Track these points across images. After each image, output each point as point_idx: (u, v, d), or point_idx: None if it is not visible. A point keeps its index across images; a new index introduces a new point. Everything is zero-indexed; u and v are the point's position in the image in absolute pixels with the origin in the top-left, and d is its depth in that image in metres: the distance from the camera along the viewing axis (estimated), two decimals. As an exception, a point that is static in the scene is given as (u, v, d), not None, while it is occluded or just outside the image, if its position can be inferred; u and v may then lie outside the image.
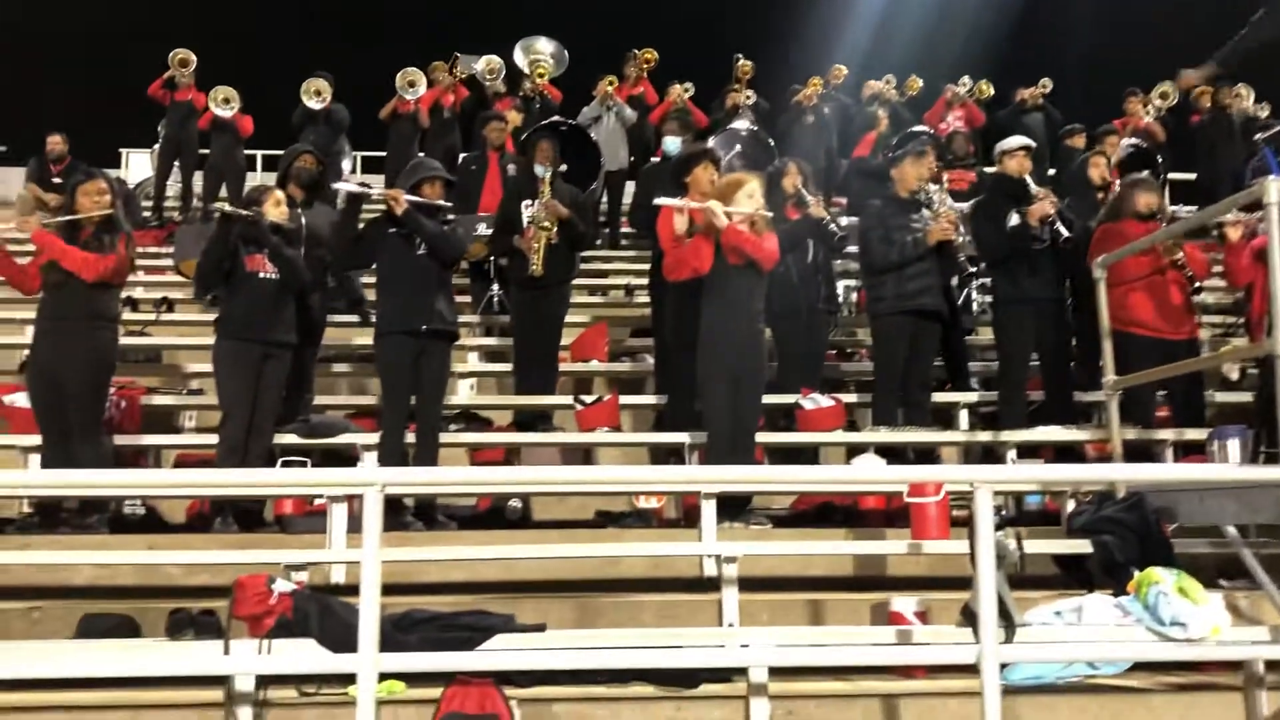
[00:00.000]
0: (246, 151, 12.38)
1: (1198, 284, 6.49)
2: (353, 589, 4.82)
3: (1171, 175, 11.32)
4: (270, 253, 5.96)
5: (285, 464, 6.20)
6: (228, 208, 6.08)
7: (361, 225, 6.37)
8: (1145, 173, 7.50)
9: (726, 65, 12.31)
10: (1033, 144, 7.16)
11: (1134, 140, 10.34)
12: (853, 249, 7.77)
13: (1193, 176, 12.44)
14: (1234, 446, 4.91)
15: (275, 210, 6.09)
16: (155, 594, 5.19)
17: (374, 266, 6.43)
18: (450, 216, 6.37)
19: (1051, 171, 10.98)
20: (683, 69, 12.47)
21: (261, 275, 5.97)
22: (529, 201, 7.27)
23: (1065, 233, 6.63)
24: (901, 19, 17.64)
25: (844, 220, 8.75)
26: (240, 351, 5.89)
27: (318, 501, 5.84)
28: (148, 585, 5.32)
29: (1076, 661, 4.22)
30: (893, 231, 6.67)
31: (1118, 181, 8.09)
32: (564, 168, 7.54)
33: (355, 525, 5.28)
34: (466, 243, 6.52)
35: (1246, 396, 6.91)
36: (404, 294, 6.07)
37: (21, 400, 6.29)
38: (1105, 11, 18.49)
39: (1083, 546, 4.91)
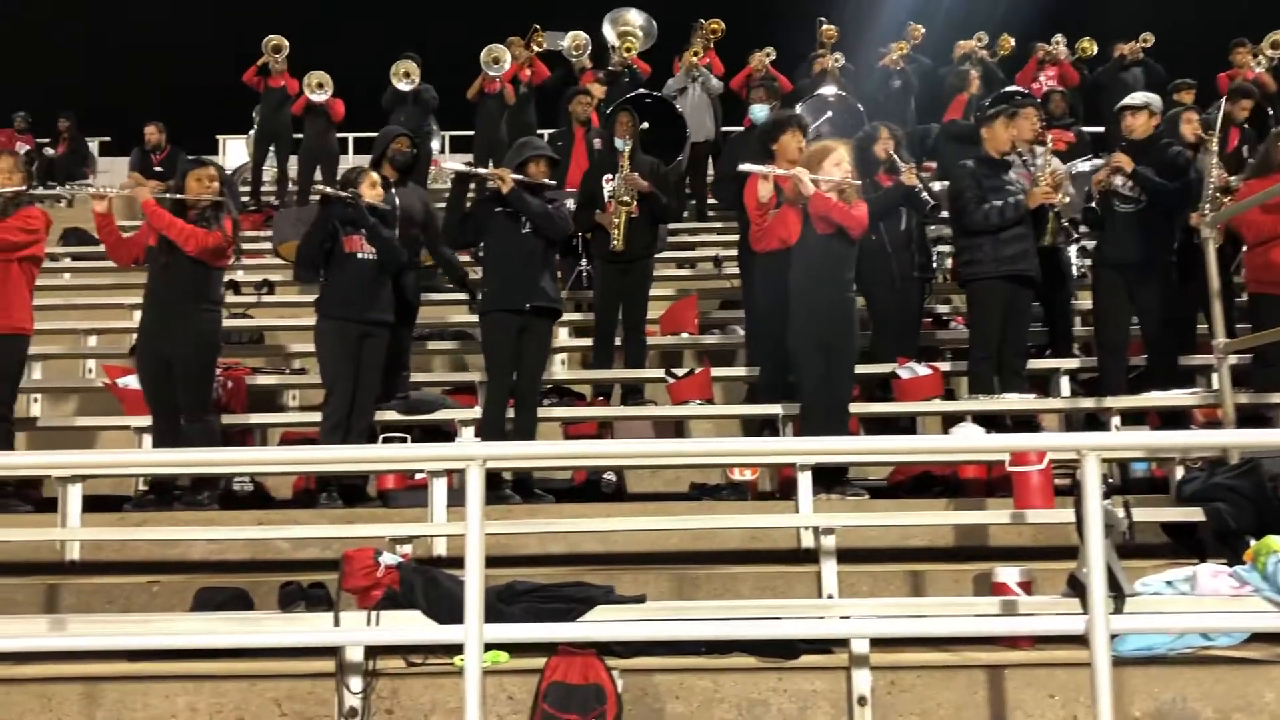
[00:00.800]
0: (339, 135, 12.58)
1: None
2: (454, 561, 4.96)
3: None
4: (368, 233, 6.07)
5: (386, 440, 6.33)
6: (328, 190, 6.20)
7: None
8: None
9: (804, 32, 12.11)
10: (1136, 103, 6.85)
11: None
12: (945, 214, 7.63)
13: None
14: (1358, 410, 4.72)
15: (371, 192, 6.19)
16: (266, 568, 5.36)
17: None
18: (552, 195, 6.40)
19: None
20: (763, 36, 12.31)
21: (360, 256, 6.07)
22: (609, 176, 7.27)
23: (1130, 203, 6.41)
24: None
25: (936, 186, 8.60)
26: (341, 331, 6.00)
27: (418, 476, 5.96)
28: (258, 559, 5.51)
29: (1190, 632, 4.09)
30: (989, 193, 6.51)
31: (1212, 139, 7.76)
32: (645, 126, 7.48)
33: (455, 499, 5.40)
34: (570, 220, 6.55)
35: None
36: (510, 272, 6.14)
37: (133, 382, 6.53)
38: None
39: (1194, 514, 4.78)
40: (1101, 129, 11.81)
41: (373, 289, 6.09)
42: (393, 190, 6.62)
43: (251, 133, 13.35)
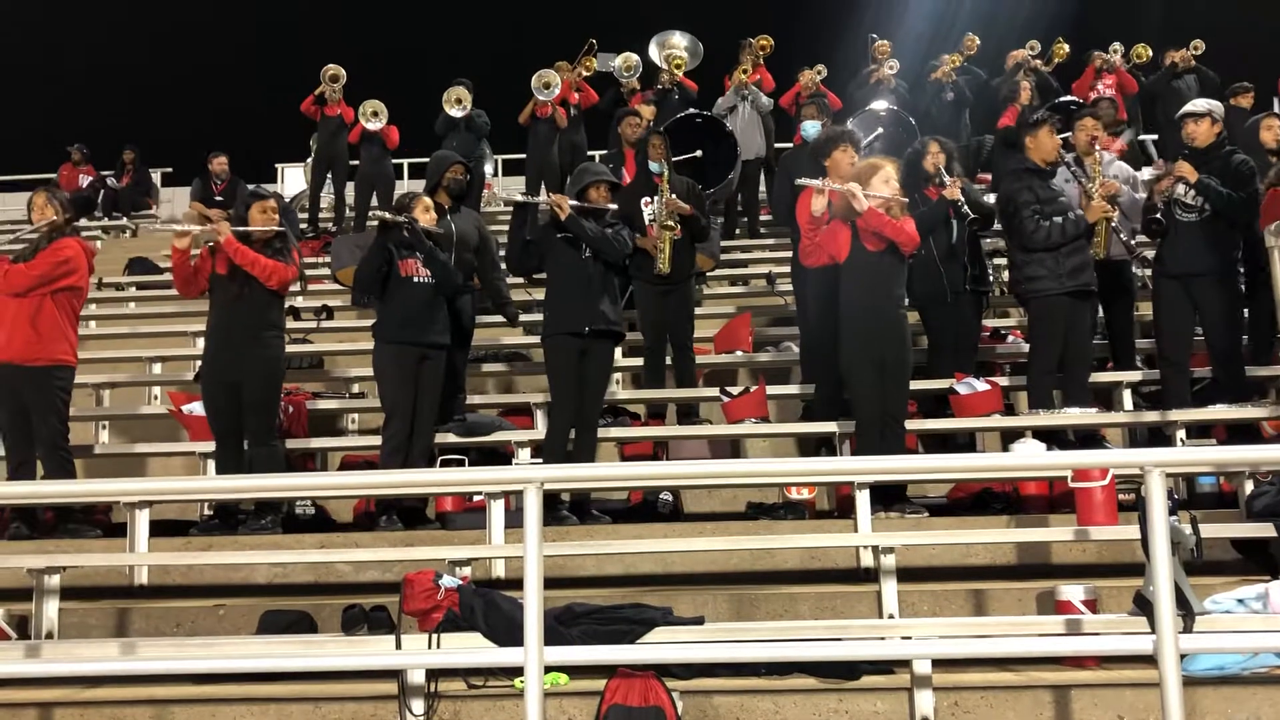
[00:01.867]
0: (394, 161, 12.77)
1: None
2: (513, 583, 4.99)
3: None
4: (424, 257, 6.15)
5: (444, 462, 6.39)
6: (386, 215, 6.29)
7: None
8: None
9: (856, 46, 12.10)
10: (1198, 110, 6.71)
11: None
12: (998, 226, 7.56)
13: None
14: None
15: (425, 216, 6.28)
16: (328, 590, 5.44)
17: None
18: (612, 219, 6.45)
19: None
20: (814, 53, 12.32)
21: (416, 280, 6.16)
22: (648, 199, 7.30)
23: (1193, 212, 6.30)
24: None
25: (990, 198, 8.50)
26: (399, 355, 6.08)
27: (476, 498, 6.01)
28: (321, 582, 5.60)
29: (1264, 651, 4.00)
30: (1046, 205, 6.44)
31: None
32: (699, 154, 7.50)
33: (512, 520, 5.44)
34: (630, 243, 6.60)
35: None
36: (571, 297, 6.20)
37: (197, 409, 6.65)
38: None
39: (1265, 530, 4.66)
40: (1155, 136, 11.67)
41: (429, 312, 6.16)
42: (448, 216, 6.71)
43: (309, 160, 13.58)
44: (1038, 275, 6.43)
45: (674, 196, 7.17)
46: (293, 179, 16.36)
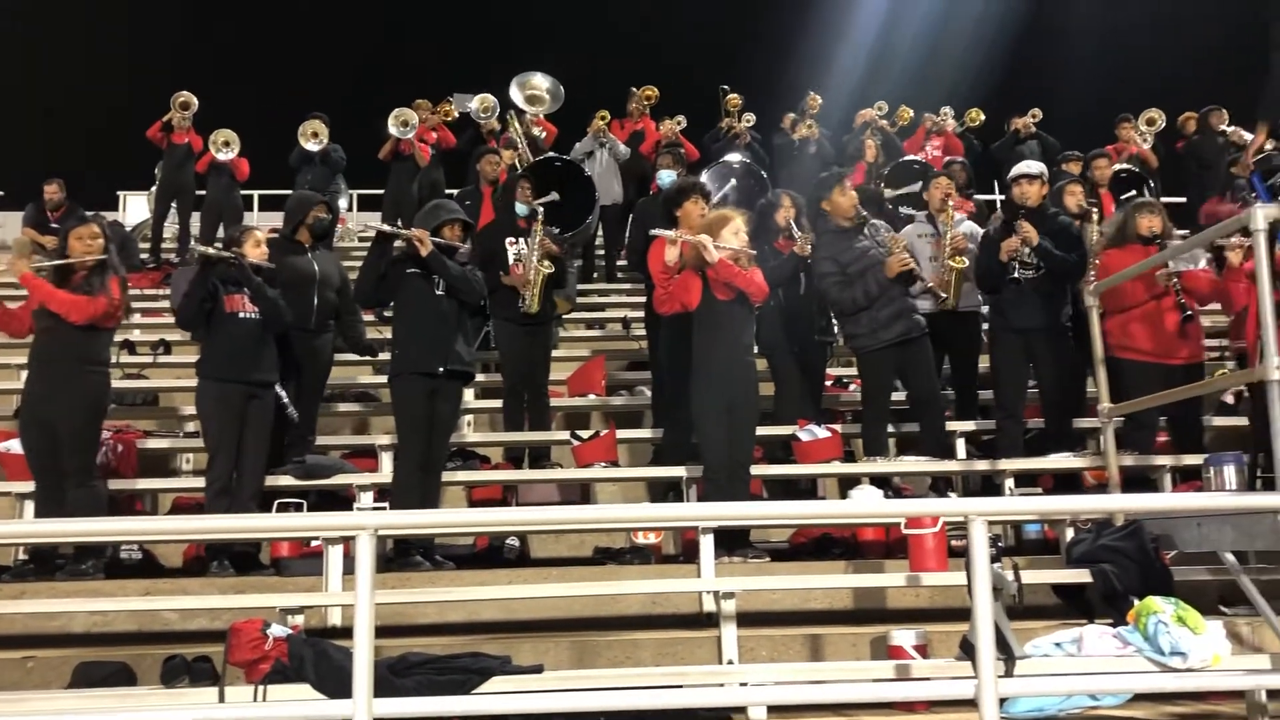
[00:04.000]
0: (243, 192, 12.43)
1: (1189, 312, 6.45)
2: (350, 632, 4.81)
3: (1164, 199, 11.34)
4: (252, 293, 5.99)
5: (281, 506, 6.18)
6: (209, 251, 6.13)
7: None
8: (1145, 196, 7.50)
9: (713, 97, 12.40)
10: (1032, 171, 7.12)
11: (1125, 165, 10.43)
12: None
13: (1184, 200, 12.48)
14: (1230, 473, 4.86)
15: (255, 251, 6.14)
16: (153, 640, 5.19)
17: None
18: (465, 259, 6.39)
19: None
20: (678, 103, 12.57)
21: (242, 315, 6.00)
22: (512, 239, 7.29)
23: (1030, 270, 6.64)
24: (896, 51, 17.90)
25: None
26: (224, 393, 5.90)
27: (314, 543, 5.84)
28: (145, 631, 5.33)
29: (1077, 694, 4.17)
30: (847, 268, 6.68)
31: (1111, 206, 8.12)
32: (555, 197, 7.57)
33: (354, 566, 5.27)
34: (485, 285, 6.57)
35: (1244, 421, 6.89)
36: (424, 335, 6.08)
37: (15, 447, 6.29)
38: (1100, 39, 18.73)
39: (1082, 576, 4.87)
40: (1002, 197, 12.27)
41: (256, 349, 6.00)
42: (309, 254, 6.64)
43: (153, 189, 13.10)
44: (856, 333, 6.72)
45: (547, 239, 7.23)
46: (135, 207, 15.73)
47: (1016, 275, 6.72)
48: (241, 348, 5.96)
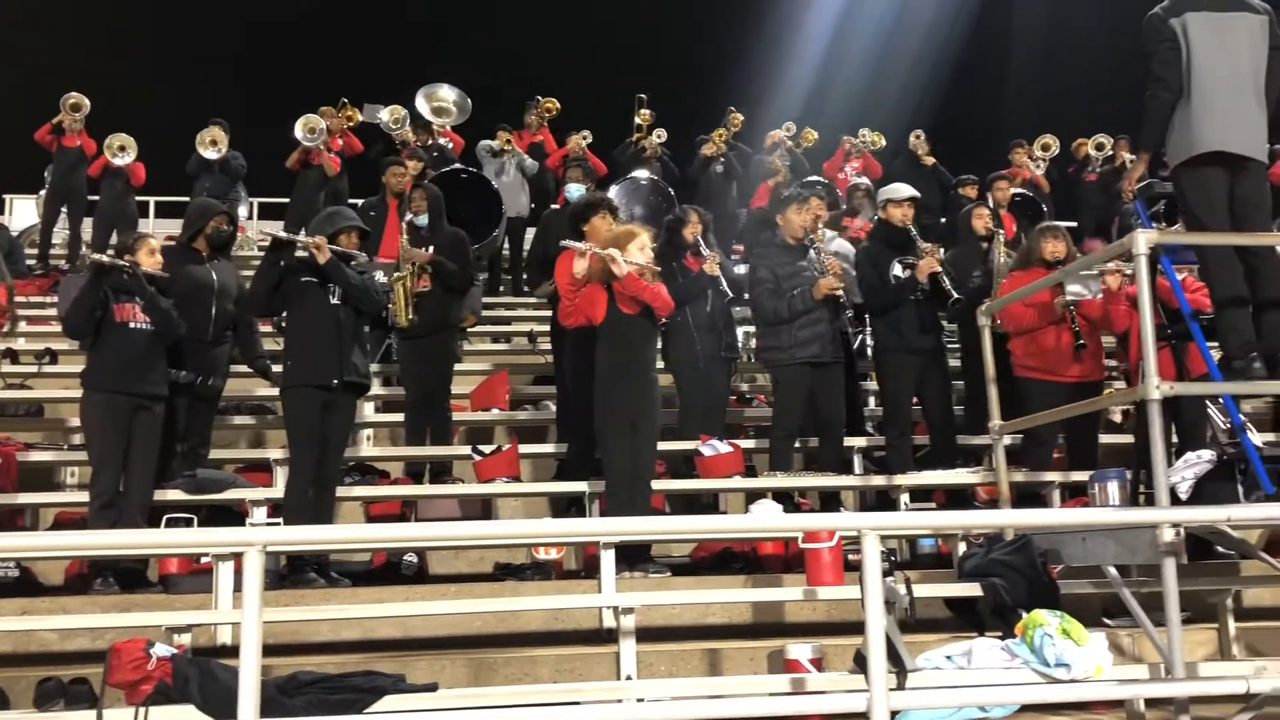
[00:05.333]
0: (138, 198, 12.08)
1: (1082, 342, 6.64)
2: (239, 651, 4.70)
3: (1058, 224, 11.72)
4: (145, 303, 5.83)
5: (170, 521, 6.00)
6: (103, 258, 5.94)
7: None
8: (1047, 221, 7.75)
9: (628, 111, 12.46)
10: (918, 194, 7.32)
11: (1019, 189, 10.75)
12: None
13: (1075, 224, 12.90)
14: (1113, 489, 5.03)
15: (149, 259, 5.98)
16: (29, 661, 4.98)
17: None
18: (363, 268, 6.29)
19: (944, 220, 11.27)
20: (588, 115, 12.60)
21: (133, 325, 5.84)
22: None
23: (954, 294, 6.79)
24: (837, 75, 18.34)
25: (740, 269, 8.89)
26: (110, 405, 5.73)
27: (204, 559, 5.67)
28: (21, 652, 5.11)
29: (967, 705, 4.26)
30: (782, 281, 6.79)
31: (1013, 227, 8.36)
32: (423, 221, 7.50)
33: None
34: (385, 294, 6.47)
35: (1130, 438, 7.13)
36: (318, 346, 5.92)
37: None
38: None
39: (973, 590, 4.98)
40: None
41: (147, 360, 5.84)
42: (208, 265, 6.48)
43: (42, 193, 12.65)
44: (773, 345, 6.81)
45: (412, 249, 7.17)
46: (22, 212, 15.16)
47: (915, 296, 6.88)
48: (131, 359, 5.79)
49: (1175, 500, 4.67)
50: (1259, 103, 5.07)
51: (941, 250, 7.18)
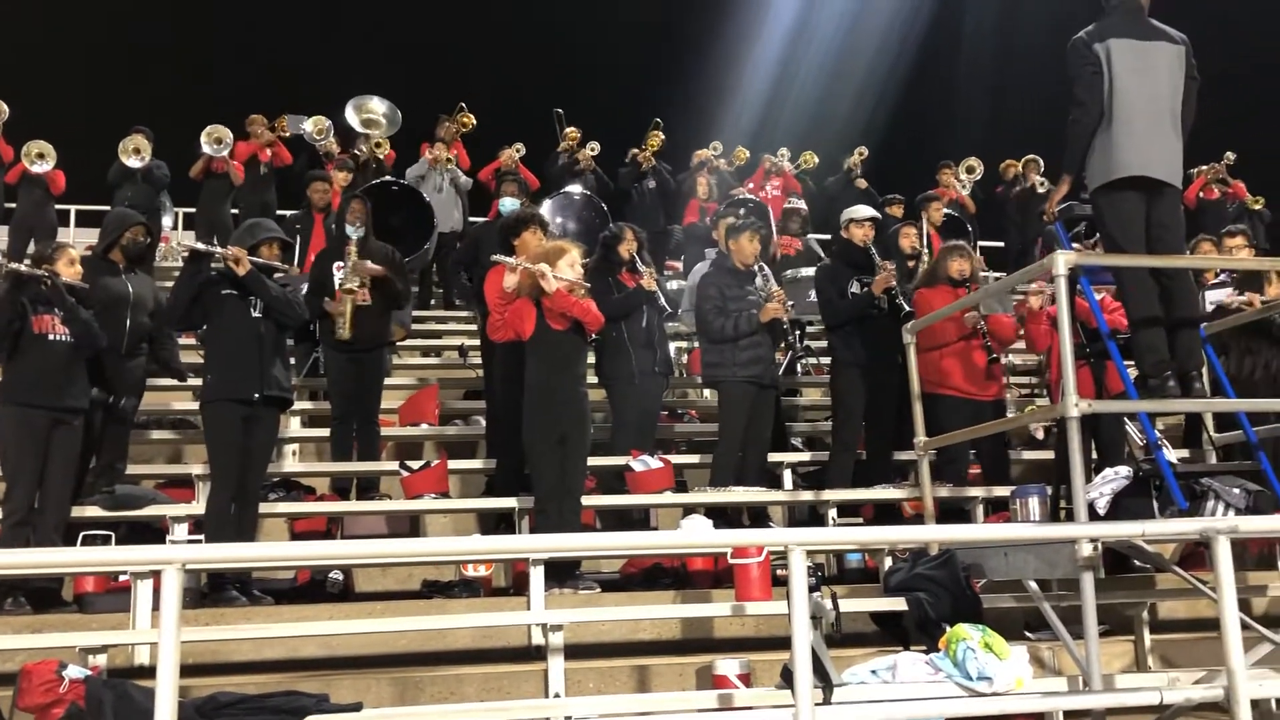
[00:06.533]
0: (58, 207, 11.76)
1: (995, 355, 6.80)
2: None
3: (982, 243, 11.98)
4: (65, 314, 5.68)
5: (87, 539, 5.84)
6: (21, 267, 5.79)
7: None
8: (959, 240, 7.90)
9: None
10: (879, 215, 7.47)
11: (946, 210, 10.96)
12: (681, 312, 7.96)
13: (1002, 244, 13.21)
14: (1034, 504, 5.15)
15: (69, 270, 5.84)
16: (-68, 686, 4.78)
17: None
18: (285, 280, 6.19)
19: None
20: (518, 129, 12.57)
21: (51, 337, 5.70)
22: (339, 264, 7.14)
23: (906, 307, 6.90)
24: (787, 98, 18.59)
25: (674, 284, 8.94)
26: (26, 419, 5.58)
27: (122, 578, 5.53)
28: (-76, 677, 4.91)
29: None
30: (730, 303, 6.87)
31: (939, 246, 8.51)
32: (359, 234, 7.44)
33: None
34: (308, 307, 6.35)
35: (1051, 454, 7.29)
36: (238, 359, 5.82)
37: None
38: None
39: (898, 604, 5.04)
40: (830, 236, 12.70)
41: (67, 373, 5.71)
42: (124, 276, 6.33)
43: (-45, 201, 12.25)
44: (716, 362, 6.88)
45: (363, 262, 7.05)
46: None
47: (873, 311, 6.98)
48: (50, 371, 5.65)
49: (1094, 516, 4.79)
50: (1175, 129, 5.22)
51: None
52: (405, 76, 15.54)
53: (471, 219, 11.38)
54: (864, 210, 7.50)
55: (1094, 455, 6.47)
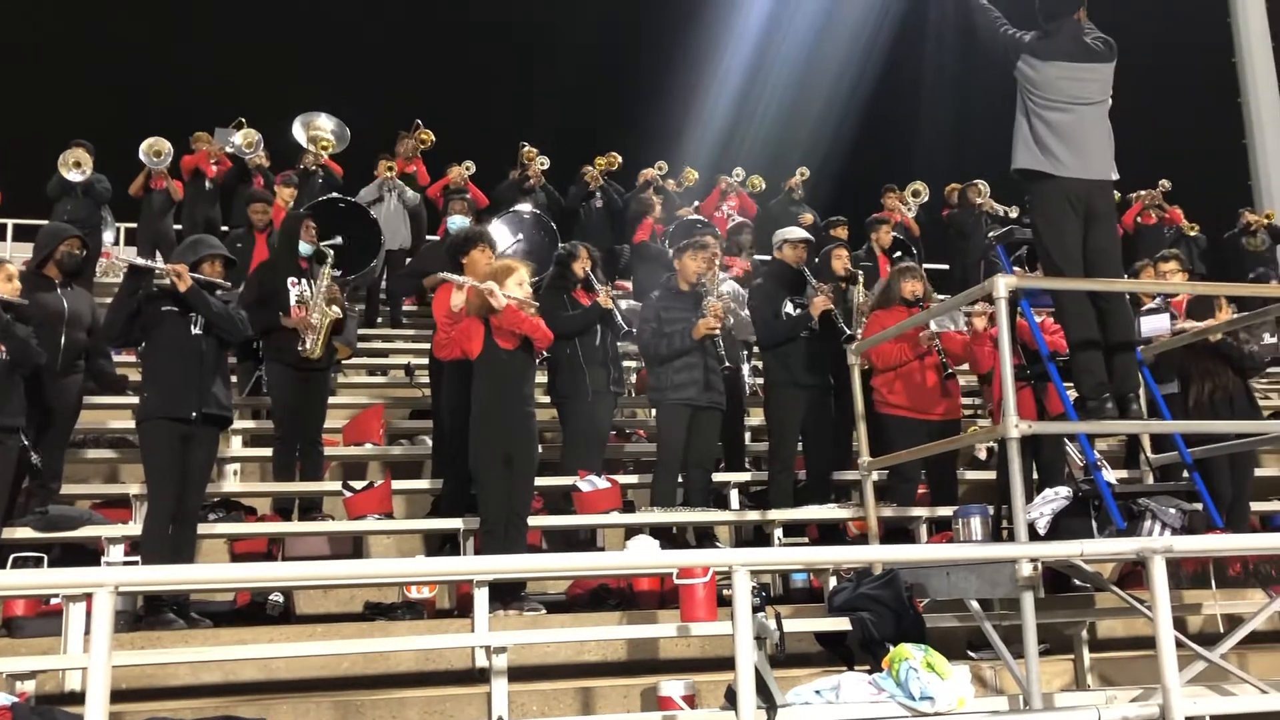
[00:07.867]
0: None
1: (950, 370, 6.90)
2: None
3: (927, 265, 12.12)
4: (1, 332, 5.55)
5: (18, 561, 5.69)
6: None
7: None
8: (909, 261, 8.01)
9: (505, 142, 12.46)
10: (811, 238, 7.54)
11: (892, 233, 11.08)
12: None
13: (947, 267, 13.37)
14: (976, 524, 5.20)
15: (7, 286, 5.74)
16: None
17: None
18: (228, 297, 6.11)
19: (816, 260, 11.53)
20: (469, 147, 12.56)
21: None
22: (294, 279, 7.06)
23: (847, 330, 6.96)
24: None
25: (624, 304, 8.95)
26: None
27: (54, 601, 5.39)
28: None
29: (835, 740, 4.31)
30: (665, 325, 6.88)
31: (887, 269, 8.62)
32: (338, 241, 7.40)
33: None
34: (249, 324, 6.27)
35: (993, 475, 7.37)
36: (177, 377, 5.72)
37: None
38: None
39: (842, 624, 5.06)
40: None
41: (2, 391, 5.58)
42: (59, 291, 6.24)
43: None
44: (654, 385, 6.93)
45: (334, 285, 7.07)
46: None
47: (805, 334, 7.02)
48: None
49: (1034, 535, 4.85)
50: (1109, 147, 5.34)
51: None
52: (359, 96, 15.45)
53: (430, 237, 11.32)
54: (797, 231, 7.60)
55: (1035, 476, 6.58)
